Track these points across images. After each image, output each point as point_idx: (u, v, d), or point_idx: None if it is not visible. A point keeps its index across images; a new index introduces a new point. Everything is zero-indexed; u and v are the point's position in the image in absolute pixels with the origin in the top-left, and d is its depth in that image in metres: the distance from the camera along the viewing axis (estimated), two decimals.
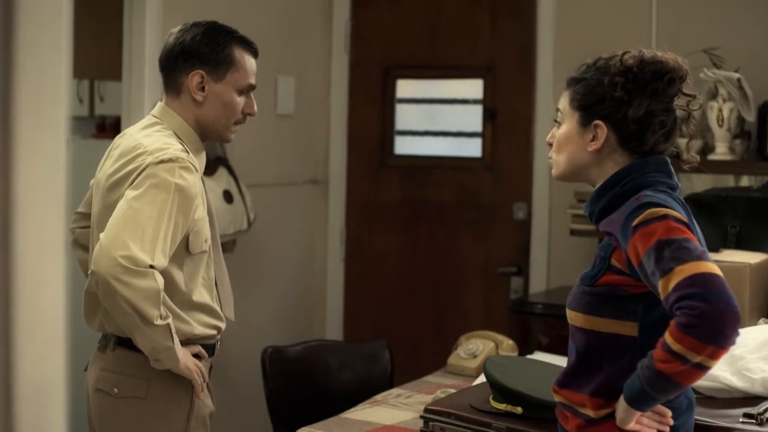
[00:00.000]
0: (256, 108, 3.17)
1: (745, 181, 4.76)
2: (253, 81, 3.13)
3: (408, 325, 5.83)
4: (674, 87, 2.49)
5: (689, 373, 2.22)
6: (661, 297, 2.26)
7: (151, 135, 2.99)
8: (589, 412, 2.45)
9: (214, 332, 3.08)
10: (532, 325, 4.84)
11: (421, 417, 3.17)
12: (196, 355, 3.01)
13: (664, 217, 2.31)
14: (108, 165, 3.01)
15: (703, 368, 2.21)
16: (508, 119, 5.65)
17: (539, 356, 3.96)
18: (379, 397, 3.73)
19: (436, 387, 3.78)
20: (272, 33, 3.40)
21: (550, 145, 2.63)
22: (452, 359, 4.14)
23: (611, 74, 2.49)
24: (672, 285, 2.22)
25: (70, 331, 1.04)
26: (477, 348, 4.10)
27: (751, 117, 4.65)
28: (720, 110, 4.68)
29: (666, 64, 2.50)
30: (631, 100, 2.47)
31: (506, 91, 5.66)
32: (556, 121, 2.64)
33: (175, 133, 3.04)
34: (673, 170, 2.53)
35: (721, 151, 4.73)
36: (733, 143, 4.74)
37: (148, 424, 2.99)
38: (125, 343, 2.95)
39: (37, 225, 0.96)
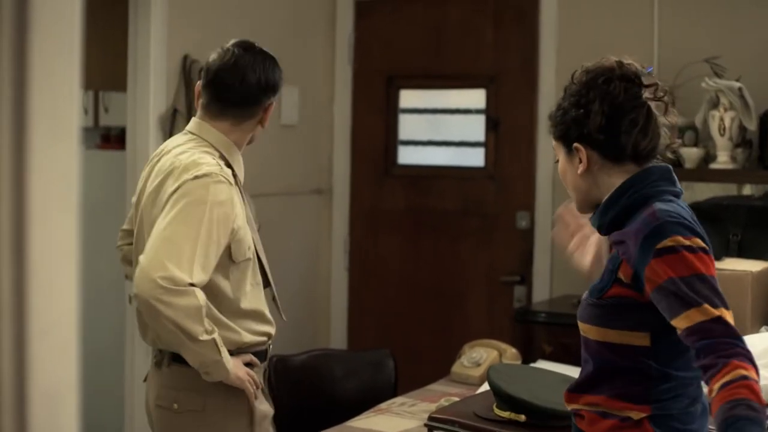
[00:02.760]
0: None
1: (746, 190, 4.77)
2: None
3: (412, 334, 5.84)
4: (631, 83, 2.48)
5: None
6: (679, 325, 2.27)
7: (186, 151, 3.02)
8: (611, 411, 2.45)
9: (264, 339, 3.14)
10: (536, 334, 4.85)
11: (426, 425, 3.18)
12: (249, 364, 3.06)
13: (697, 249, 2.32)
14: (149, 183, 3.06)
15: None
16: (510, 128, 5.66)
17: (542, 365, 3.98)
18: (383, 405, 3.74)
19: (440, 395, 3.79)
20: (276, 44, 3.42)
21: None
22: (456, 368, 4.15)
23: (569, 96, 2.52)
24: (694, 323, 2.25)
25: (82, 337, 1.06)
26: (480, 356, 4.11)
27: (752, 126, 4.66)
28: (721, 119, 4.69)
29: (602, 66, 2.50)
30: (587, 112, 2.47)
31: (509, 101, 5.68)
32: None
33: (212, 145, 3.08)
34: (676, 177, 2.53)
35: (722, 160, 4.75)
36: (734, 152, 4.75)
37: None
38: (179, 359, 2.98)
39: (51, 234, 0.98)
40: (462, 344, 4.32)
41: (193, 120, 3.16)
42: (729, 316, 2.27)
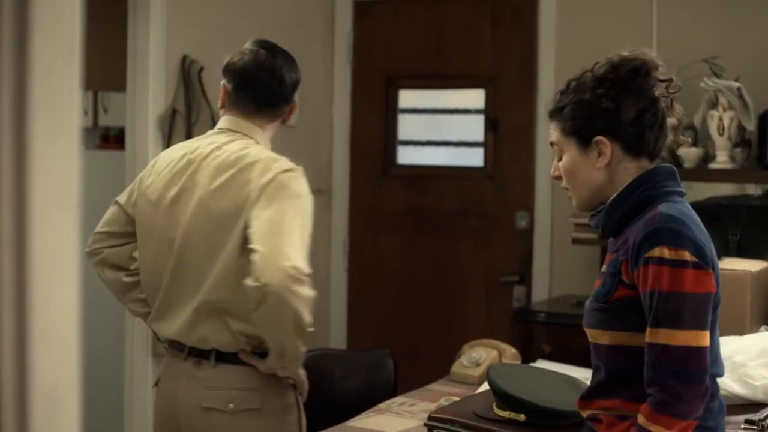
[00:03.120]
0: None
1: (745, 190, 4.77)
2: None
3: (411, 334, 5.84)
4: (651, 78, 2.49)
5: None
6: (646, 338, 2.33)
7: (247, 147, 3.04)
8: (631, 413, 2.43)
9: None
10: (535, 334, 4.85)
11: (425, 425, 3.18)
12: None
13: (682, 264, 2.32)
14: (202, 179, 3.00)
15: None
16: (510, 129, 5.66)
17: (542, 364, 3.98)
18: (383, 405, 3.74)
19: (440, 395, 3.79)
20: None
21: (556, 178, 2.63)
22: (455, 367, 4.15)
23: (590, 89, 2.49)
24: (659, 342, 2.31)
25: (83, 337, 1.06)
26: (480, 356, 4.11)
27: (751, 126, 4.66)
28: (720, 119, 4.70)
29: (636, 59, 2.50)
30: (620, 105, 2.47)
31: (508, 101, 5.68)
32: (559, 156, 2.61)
33: (258, 143, 3.11)
34: (678, 177, 2.54)
35: (721, 160, 4.75)
36: (733, 152, 4.75)
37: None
38: (228, 359, 2.97)
39: (52, 233, 0.98)
40: (461, 344, 4.32)
41: (230, 119, 3.13)
42: (693, 339, 2.30)
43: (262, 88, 3.11)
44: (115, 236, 3.19)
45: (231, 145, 3.05)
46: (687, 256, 2.32)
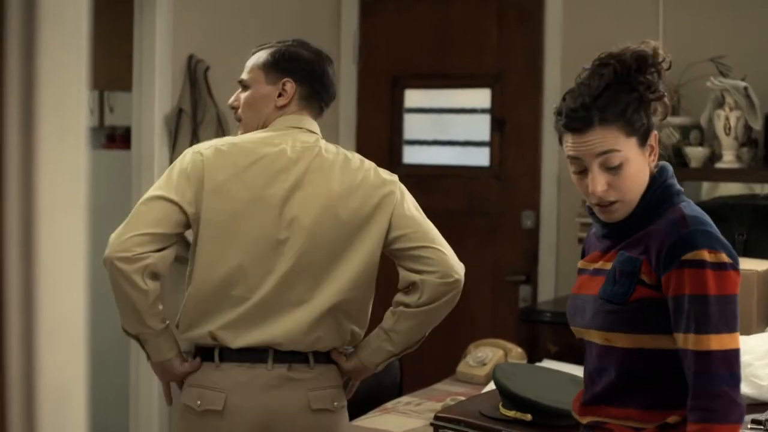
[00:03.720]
0: (230, 100, 3.11)
1: (752, 189, 4.76)
2: (241, 76, 3.09)
3: None
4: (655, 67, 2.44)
5: None
6: (688, 346, 2.28)
7: (340, 148, 3.05)
8: (647, 424, 2.38)
9: None
10: (541, 334, 4.85)
11: (431, 424, 3.18)
12: None
13: (723, 266, 2.29)
14: (321, 180, 2.92)
15: None
16: (516, 128, 5.66)
17: (548, 364, 3.97)
18: (389, 404, 3.74)
19: (446, 395, 3.79)
20: None
21: (603, 195, 2.40)
22: (461, 367, 4.15)
23: (633, 83, 2.39)
24: (712, 349, 2.26)
25: (89, 337, 1.06)
26: (486, 356, 4.11)
27: (757, 125, 4.66)
28: (727, 118, 4.69)
29: (647, 49, 2.44)
30: (661, 95, 2.43)
31: (514, 100, 5.68)
32: (610, 166, 2.40)
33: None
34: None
35: (728, 159, 4.74)
36: (740, 151, 4.75)
37: (349, 428, 3.15)
38: (323, 359, 2.97)
39: (59, 232, 0.98)
40: (467, 344, 4.32)
41: (308, 119, 3.03)
42: (730, 341, 2.27)
43: (332, 91, 3.10)
44: (163, 238, 2.84)
45: (328, 146, 3.00)
46: (725, 258, 2.29)
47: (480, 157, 5.80)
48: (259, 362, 2.88)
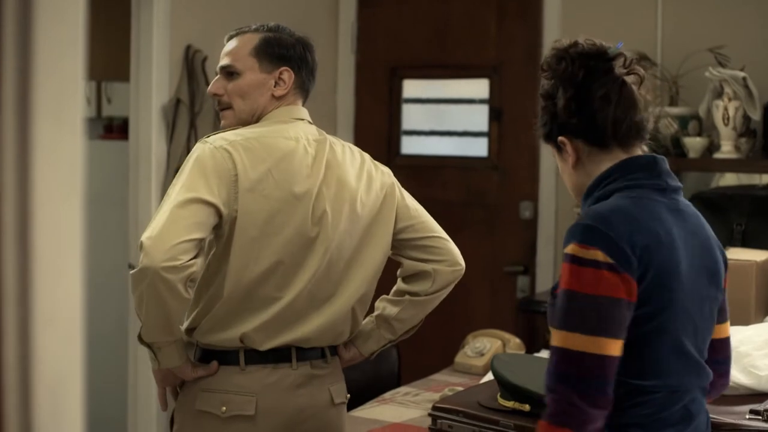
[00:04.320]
0: (211, 88, 2.96)
1: (750, 179, 4.76)
2: (222, 62, 2.95)
3: None
4: (592, 59, 2.37)
5: None
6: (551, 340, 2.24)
7: (338, 138, 3.06)
8: None
9: None
10: (539, 324, 4.85)
11: (429, 415, 3.18)
12: None
13: (582, 262, 2.20)
14: (343, 175, 2.89)
15: None
16: (514, 119, 5.66)
17: (546, 354, 3.97)
18: (387, 395, 3.74)
19: (444, 385, 3.79)
20: None
21: None
22: (459, 358, 4.15)
23: (540, 93, 2.50)
24: (558, 345, 2.19)
25: (87, 327, 1.06)
26: (484, 346, 4.11)
27: (756, 115, 4.66)
28: (725, 109, 4.69)
29: (559, 46, 2.42)
30: (555, 101, 2.41)
31: (512, 91, 5.67)
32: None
33: None
34: (665, 169, 2.36)
35: (726, 150, 4.74)
36: (738, 142, 4.75)
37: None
38: (335, 352, 2.98)
39: (55, 223, 0.98)
40: (465, 334, 4.32)
41: (304, 110, 3.03)
42: (594, 345, 2.16)
43: (315, 73, 3.07)
44: (202, 244, 2.70)
45: (331, 138, 2.99)
46: (599, 255, 2.19)
47: (478, 148, 5.80)
48: (284, 362, 2.83)
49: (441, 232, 3.07)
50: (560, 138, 2.40)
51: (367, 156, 3.02)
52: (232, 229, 2.71)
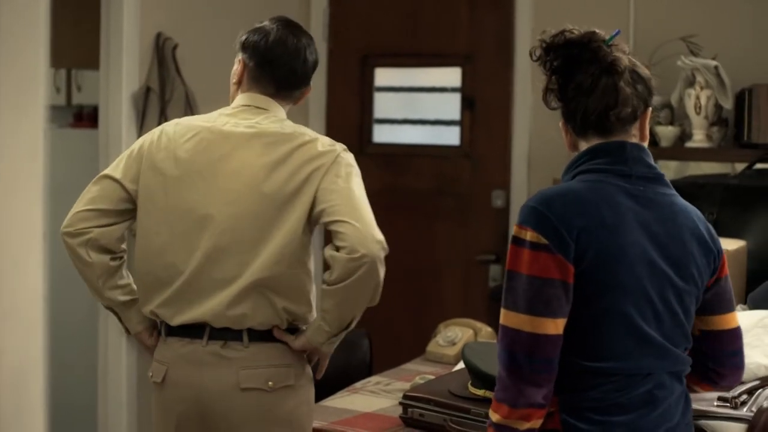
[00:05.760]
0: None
1: (722, 168, 4.77)
2: None
3: (387, 314, 5.81)
4: (571, 46, 2.41)
5: None
6: None
7: (286, 123, 3.03)
8: None
9: None
10: None
11: (400, 404, 3.18)
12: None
13: (519, 242, 2.30)
14: (247, 155, 2.92)
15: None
16: (486, 107, 5.65)
17: None
18: (358, 384, 3.73)
19: (415, 374, 3.78)
20: (249, 20, 3.40)
21: None
22: (431, 347, 4.15)
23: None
24: (501, 323, 2.31)
25: (53, 316, 1.04)
26: (456, 335, 4.11)
27: (728, 104, 4.67)
28: (697, 98, 4.70)
29: (542, 37, 2.48)
30: (546, 87, 2.44)
31: (484, 80, 5.66)
32: None
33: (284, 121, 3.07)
34: (635, 156, 2.37)
35: (698, 139, 4.75)
36: (710, 131, 4.76)
37: (300, 409, 3.01)
38: (261, 337, 2.92)
39: (16, 213, 0.97)
40: (437, 323, 4.31)
41: (254, 96, 3.05)
42: (529, 323, 2.25)
43: (287, 69, 3.03)
44: (107, 214, 2.97)
45: (267, 121, 2.99)
46: (528, 235, 2.27)
47: (450, 137, 5.79)
48: (196, 338, 2.92)
49: (354, 216, 2.82)
50: (561, 121, 2.46)
51: (313, 137, 3.00)
52: (137, 206, 2.98)
